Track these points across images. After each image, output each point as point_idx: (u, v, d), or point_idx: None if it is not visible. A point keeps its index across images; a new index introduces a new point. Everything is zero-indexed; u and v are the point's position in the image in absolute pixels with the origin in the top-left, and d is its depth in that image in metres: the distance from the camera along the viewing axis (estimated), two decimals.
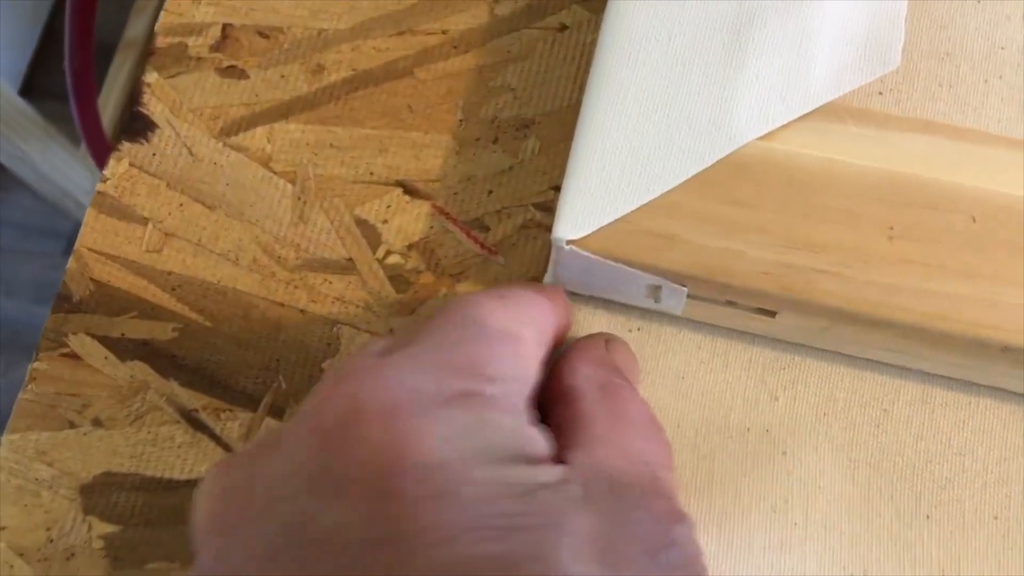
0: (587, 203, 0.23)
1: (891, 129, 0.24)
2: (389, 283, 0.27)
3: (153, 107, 0.29)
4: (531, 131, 0.28)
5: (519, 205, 0.27)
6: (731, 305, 0.24)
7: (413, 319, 0.26)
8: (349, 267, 0.27)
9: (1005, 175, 0.23)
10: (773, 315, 0.24)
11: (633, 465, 0.19)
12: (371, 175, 0.28)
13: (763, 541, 0.23)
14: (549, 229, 0.23)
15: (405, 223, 0.27)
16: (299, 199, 0.28)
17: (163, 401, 0.26)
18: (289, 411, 0.26)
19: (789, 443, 0.25)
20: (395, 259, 0.27)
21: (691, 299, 0.24)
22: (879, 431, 0.25)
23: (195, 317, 0.27)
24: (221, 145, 0.28)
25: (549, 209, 0.27)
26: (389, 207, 0.28)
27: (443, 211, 0.27)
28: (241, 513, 0.17)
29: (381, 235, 0.27)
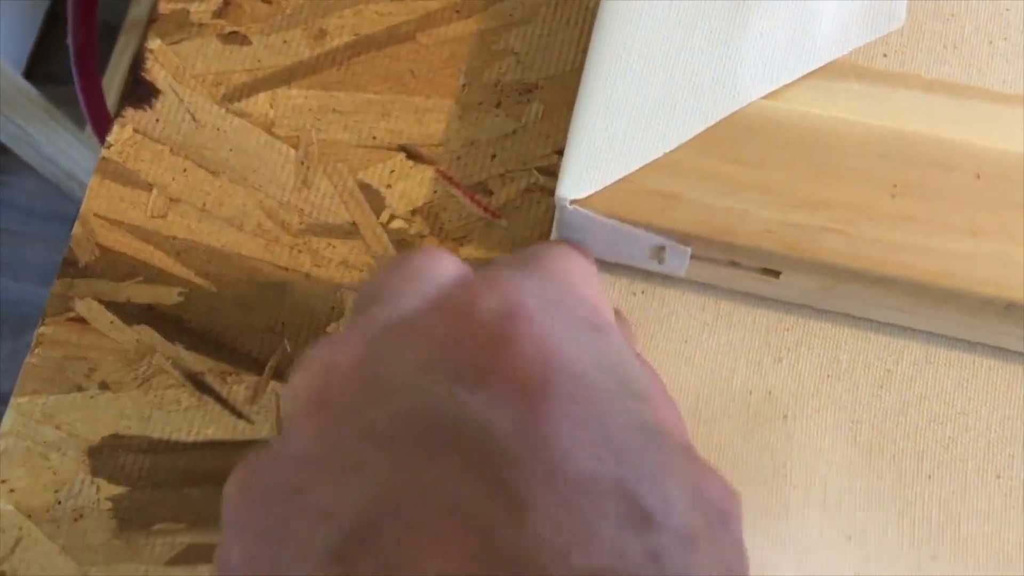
0: (590, 163, 0.23)
1: (895, 87, 0.24)
2: (393, 247, 0.27)
3: (156, 73, 0.29)
4: (534, 95, 0.28)
5: (522, 169, 0.27)
6: (734, 266, 0.24)
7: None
8: (353, 231, 0.27)
9: (1010, 132, 0.23)
10: (777, 275, 0.24)
11: (677, 431, 0.19)
12: (374, 140, 0.28)
13: (763, 505, 0.23)
14: (552, 193, 0.23)
15: (408, 187, 0.27)
16: (302, 164, 0.28)
17: (169, 364, 0.26)
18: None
19: (791, 405, 0.25)
20: (399, 223, 0.27)
21: (694, 260, 0.24)
22: (882, 392, 0.25)
23: (200, 282, 0.27)
24: (224, 111, 0.28)
25: (552, 173, 0.27)
26: (392, 172, 0.28)
27: (446, 175, 0.27)
28: (356, 393, 0.16)
29: (385, 199, 0.27)
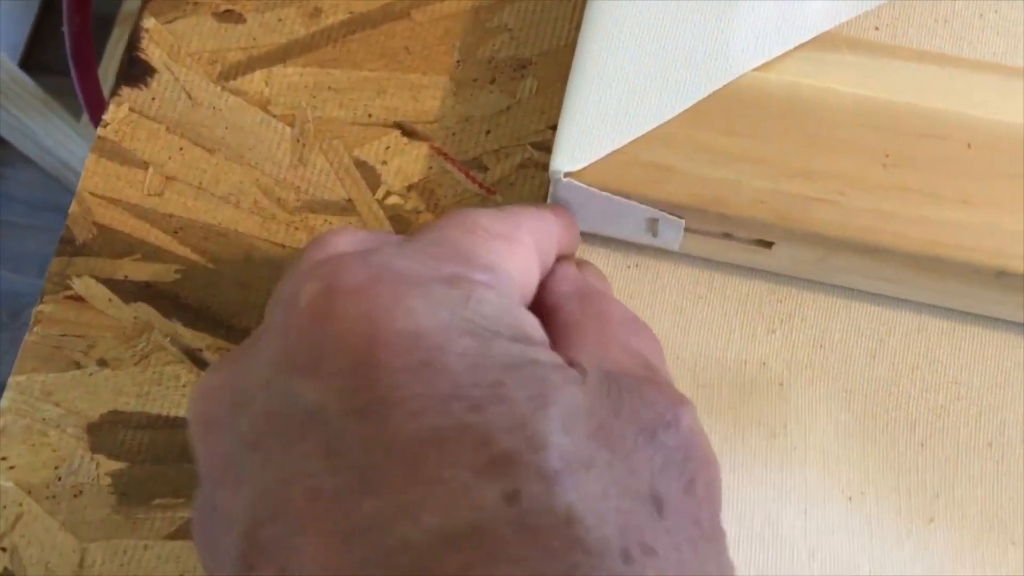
0: (584, 135, 0.23)
1: (886, 57, 0.24)
2: (389, 223, 0.27)
3: (151, 52, 0.29)
4: (528, 71, 0.28)
5: (517, 145, 0.27)
6: (728, 238, 0.24)
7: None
8: (349, 208, 0.27)
9: (1000, 102, 0.23)
10: (770, 247, 0.24)
11: (628, 356, 0.19)
12: (369, 117, 0.28)
13: (764, 462, 0.24)
14: (547, 168, 0.24)
15: (404, 164, 0.28)
16: (298, 141, 0.28)
17: (167, 341, 0.27)
18: None
19: (785, 375, 0.25)
20: (394, 200, 0.27)
21: (688, 232, 0.24)
22: (875, 362, 0.25)
23: (197, 259, 0.27)
24: (219, 89, 0.28)
25: (547, 148, 0.27)
26: (388, 148, 0.28)
27: (441, 152, 0.28)
28: (227, 407, 0.17)
29: (380, 176, 0.27)
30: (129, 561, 0.25)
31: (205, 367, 0.26)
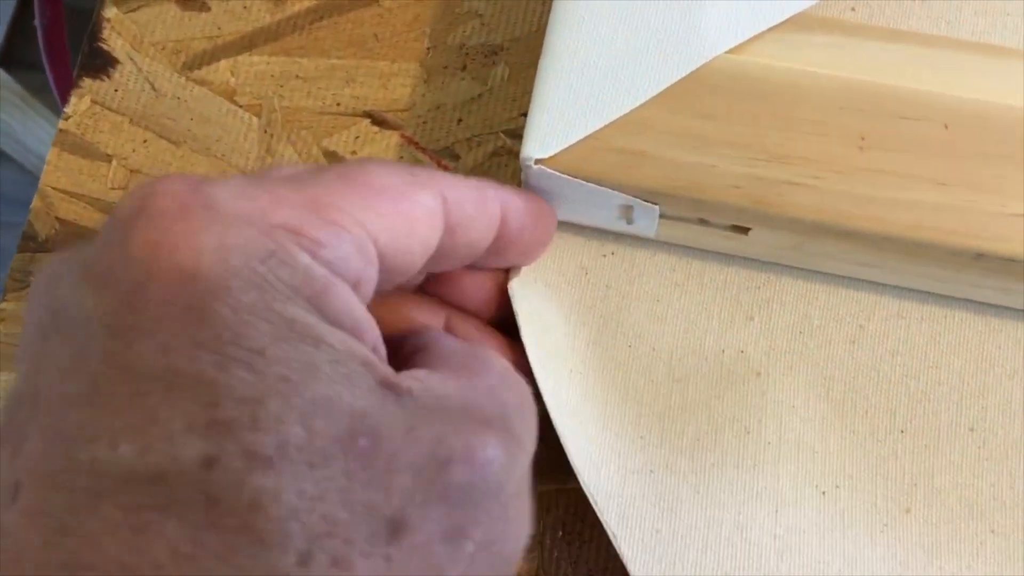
0: (555, 121, 0.23)
1: (862, 38, 0.23)
2: None
3: (113, 42, 0.28)
4: (500, 57, 0.27)
5: (489, 132, 0.27)
6: (704, 224, 0.24)
7: None
8: None
9: (978, 82, 0.23)
10: (746, 232, 0.24)
11: (489, 399, 0.17)
12: (338, 106, 0.27)
13: (736, 462, 0.23)
14: (519, 155, 0.23)
15: (374, 153, 0.27)
16: (266, 132, 0.27)
17: None
18: None
19: (764, 363, 0.25)
20: None
21: (664, 219, 0.24)
22: (855, 347, 0.25)
23: None
24: (184, 79, 0.28)
25: (520, 136, 0.27)
26: (358, 138, 0.27)
27: (413, 141, 0.27)
28: (44, 288, 0.17)
29: None
30: None
31: None
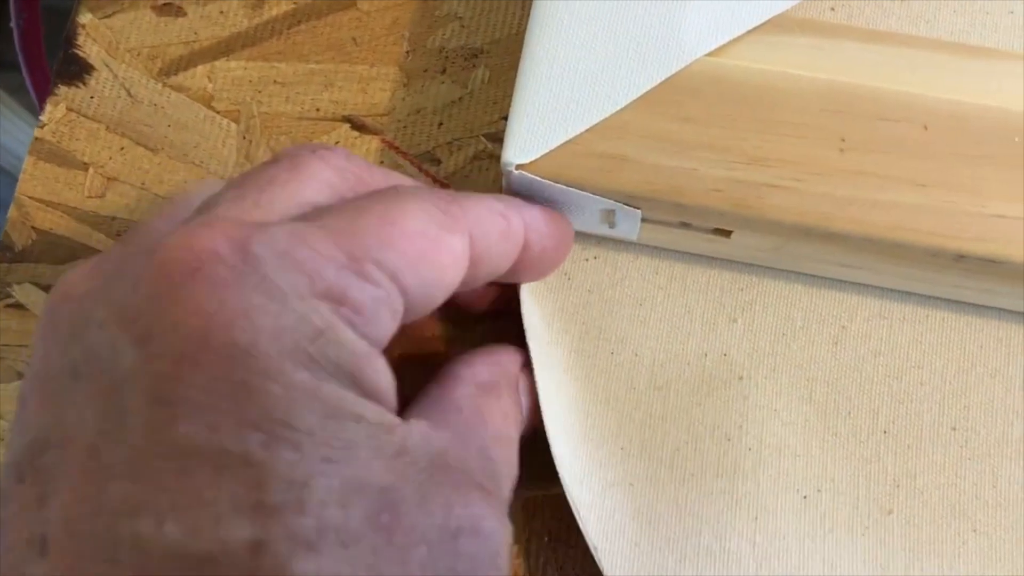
0: (535, 126, 0.23)
1: (841, 39, 0.23)
2: None
3: (88, 49, 0.28)
4: (480, 60, 0.27)
5: (470, 136, 0.27)
6: (686, 227, 0.24)
7: None
8: None
9: (956, 82, 0.23)
10: (728, 235, 0.24)
11: (478, 459, 0.18)
12: (317, 111, 0.27)
13: (716, 471, 0.23)
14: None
15: None
16: (244, 138, 0.27)
17: None
18: None
19: (746, 366, 0.25)
20: None
21: (646, 223, 0.24)
22: (837, 348, 0.25)
23: None
24: (161, 86, 0.27)
25: (500, 139, 0.26)
26: (337, 143, 0.27)
27: (393, 145, 0.27)
28: (68, 327, 0.17)
29: None
30: None
31: None
